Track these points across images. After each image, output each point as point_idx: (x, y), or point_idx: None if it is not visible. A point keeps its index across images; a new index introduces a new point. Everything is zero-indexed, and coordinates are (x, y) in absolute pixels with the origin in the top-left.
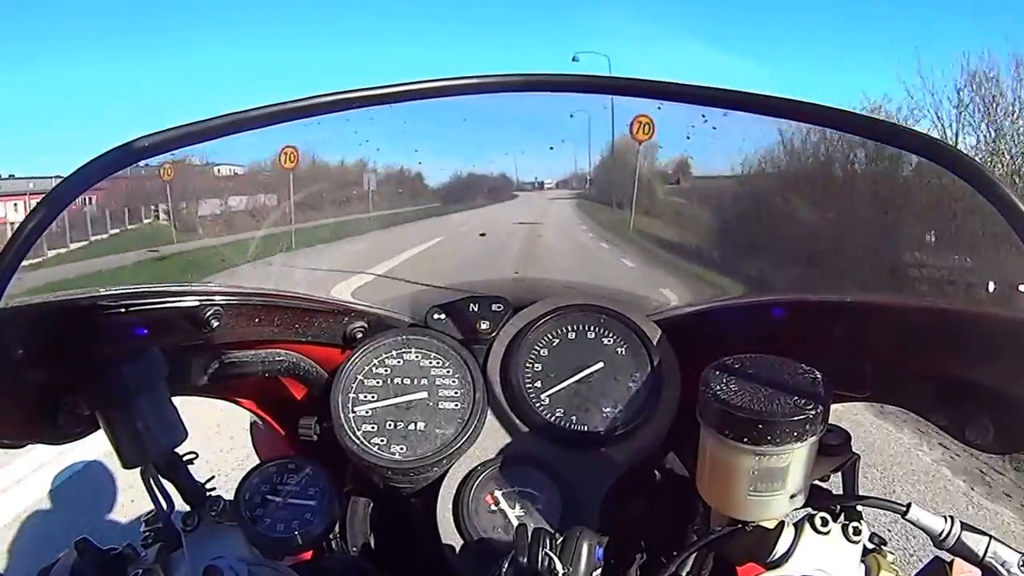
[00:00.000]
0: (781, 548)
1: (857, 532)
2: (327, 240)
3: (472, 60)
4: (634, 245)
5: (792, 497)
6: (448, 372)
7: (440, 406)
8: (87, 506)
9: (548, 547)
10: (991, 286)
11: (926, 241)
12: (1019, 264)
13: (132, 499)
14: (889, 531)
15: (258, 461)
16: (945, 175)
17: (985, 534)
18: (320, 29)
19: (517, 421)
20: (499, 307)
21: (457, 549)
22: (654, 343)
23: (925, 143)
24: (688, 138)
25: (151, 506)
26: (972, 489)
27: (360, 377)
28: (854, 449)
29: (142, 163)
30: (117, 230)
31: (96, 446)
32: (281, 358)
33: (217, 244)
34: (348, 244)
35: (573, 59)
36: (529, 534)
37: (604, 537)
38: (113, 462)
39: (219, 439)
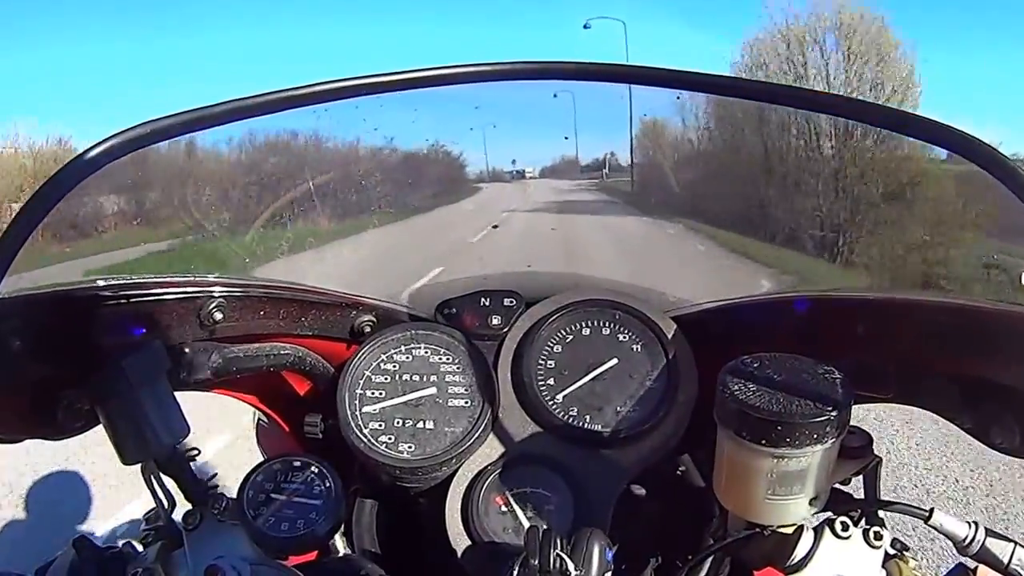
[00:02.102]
0: (800, 553)
1: (879, 537)
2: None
3: (445, 41)
4: None
5: (812, 501)
6: (458, 369)
7: (449, 404)
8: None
9: (559, 548)
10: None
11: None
12: None
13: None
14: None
15: (262, 458)
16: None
17: (1010, 540)
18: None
19: (529, 420)
20: (511, 302)
21: (466, 550)
22: (671, 340)
23: (940, 131)
24: (707, 129)
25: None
26: None
27: (368, 373)
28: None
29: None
30: None
31: None
32: (286, 352)
33: None
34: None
35: (585, 26)
36: (540, 536)
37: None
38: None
39: None
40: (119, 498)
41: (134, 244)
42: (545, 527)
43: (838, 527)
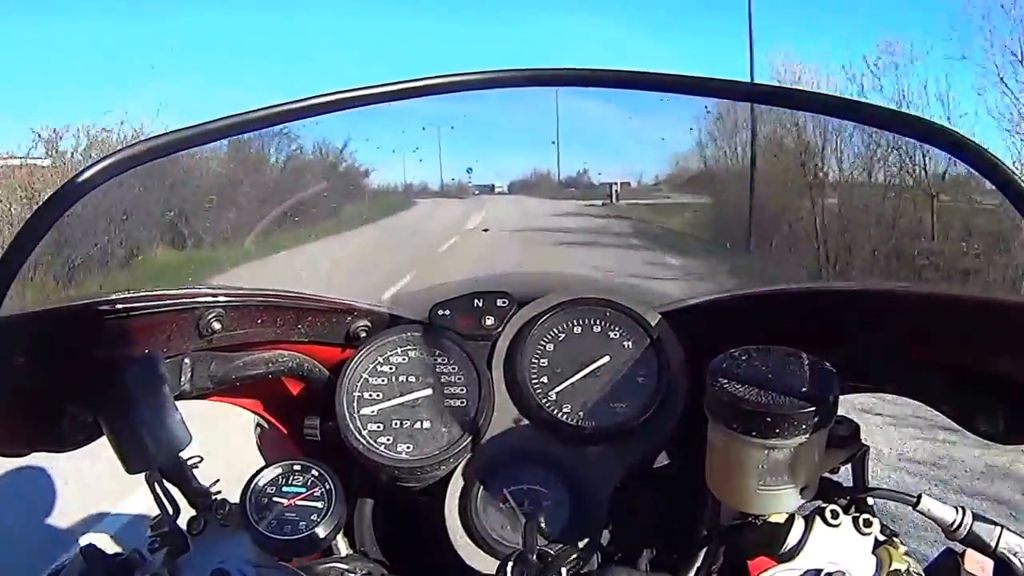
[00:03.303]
0: (792, 541)
1: (868, 524)
2: None
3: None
4: None
5: (802, 490)
6: (453, 369)
7: (446, 404)
8: None
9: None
10: None
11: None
12: None
13: None
14: None
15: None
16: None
17: (997, 524)
18: None
19: (523, 418)
20: (504, 302)
21: (465, 547)
22: (661, 337)
23: (931, 129)
24: (691, 130)
25: None
26: None
27: (365, 376)
28: None
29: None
30: None
31: None
32: (284, 359)
33: None
34: None
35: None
36: (536, 531)
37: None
38: None
39: None
40: None
41: None
42: (542, 523)
43: (828, 515)
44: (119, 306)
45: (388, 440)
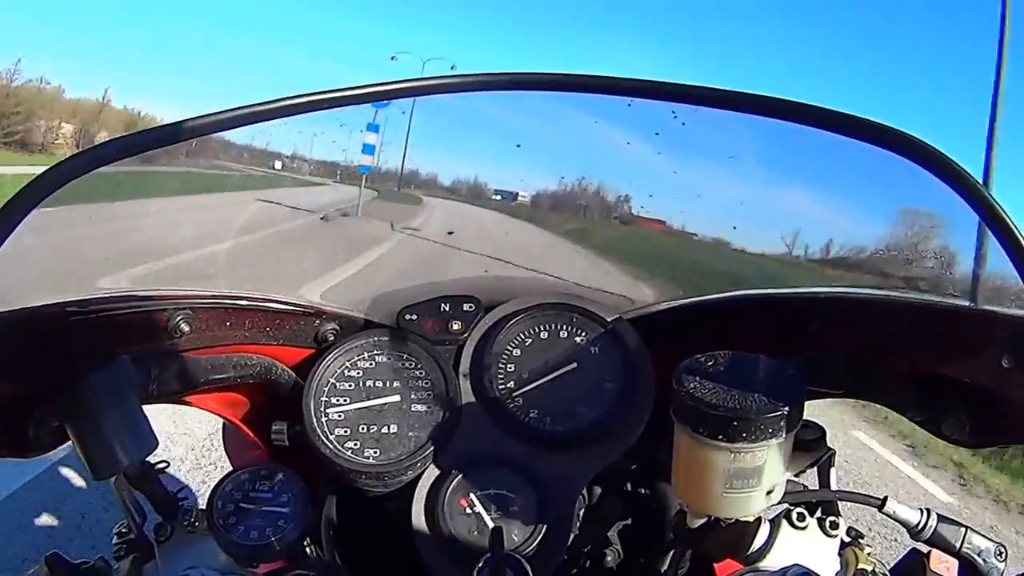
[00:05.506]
0: (758, 544)
1: (834, 526)
2: None
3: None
4: None
5: (768, 493)
6: (420, 374)
7: (413, 408)
8: None
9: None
10: None
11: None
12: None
13: None
14: None
15: (231, 468)
16: None
17: (962, 525)
18: None
19: (490, 422)
20: (470, 307)
21: (432, 552)
22: (627, 342)
23: (907, 142)
24: (657, 134)
25: None
26: None
27: (332, 380)
28: None
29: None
30: None
31: None
32: (252, 362)
33: None
34: None
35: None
36: (503, 537)
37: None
38: None
39: None
40: None
41: None
42: (510, 527)
43: (795, 518)
44: (87, 308)
45: (355, 445)
